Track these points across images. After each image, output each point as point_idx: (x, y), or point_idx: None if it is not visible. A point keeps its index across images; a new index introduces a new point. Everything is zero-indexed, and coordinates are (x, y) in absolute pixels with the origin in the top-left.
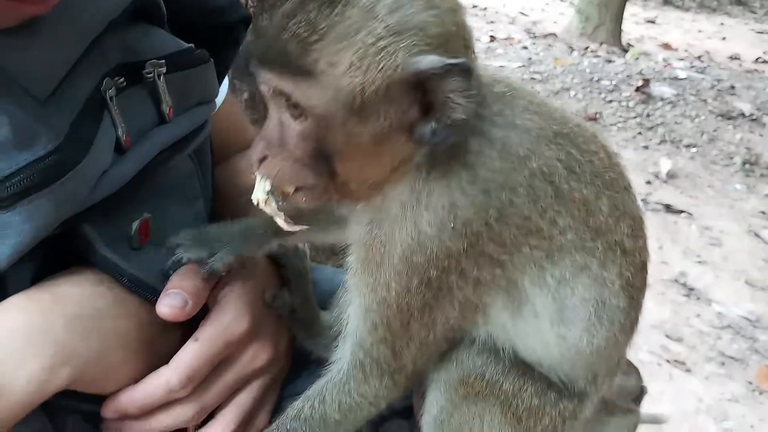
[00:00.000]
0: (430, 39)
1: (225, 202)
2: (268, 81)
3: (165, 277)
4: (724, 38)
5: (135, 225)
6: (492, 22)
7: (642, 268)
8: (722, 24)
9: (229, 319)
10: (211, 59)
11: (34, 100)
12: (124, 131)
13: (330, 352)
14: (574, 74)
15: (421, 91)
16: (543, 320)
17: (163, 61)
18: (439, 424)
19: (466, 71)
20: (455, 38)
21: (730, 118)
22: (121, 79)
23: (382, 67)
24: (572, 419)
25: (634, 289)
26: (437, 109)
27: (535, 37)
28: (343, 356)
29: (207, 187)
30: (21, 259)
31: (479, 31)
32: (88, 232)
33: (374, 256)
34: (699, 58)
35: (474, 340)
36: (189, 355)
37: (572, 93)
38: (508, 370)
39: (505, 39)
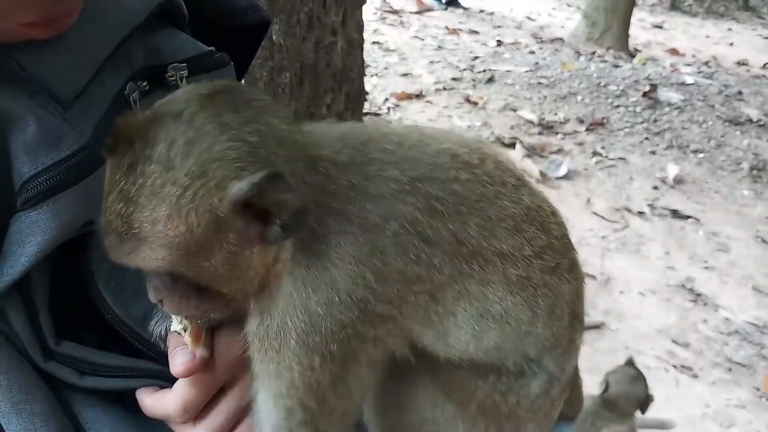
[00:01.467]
0: (235, 163)
1: None
2: (121, 262)
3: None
4: (731, 44)
5: None
6: (499, 26)
7: (536, 254)
8: (730, 29)
9: (224, 344)
10: (231, 62)
11: (59, 103)
12: None
13: None
14: (581, 79)
15: (249, 208)
16: (438, 345)
17: (185, 64)
18: (380, 397)
19: (275, 176)
20: (263, 146)
21: (737, 124)
22: (144, 83)
23: (199, 211)
24: (513, 394)
25: (530, 279)
26: (273, 214)
27: (542, 41)
28: None
29: None
30: (44, 259)
31: (486, 35)
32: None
33: (272, 345)
34: (706, 63)
35: None
36: (186, 383)
37: (579, 98)
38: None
39: (512, 43)
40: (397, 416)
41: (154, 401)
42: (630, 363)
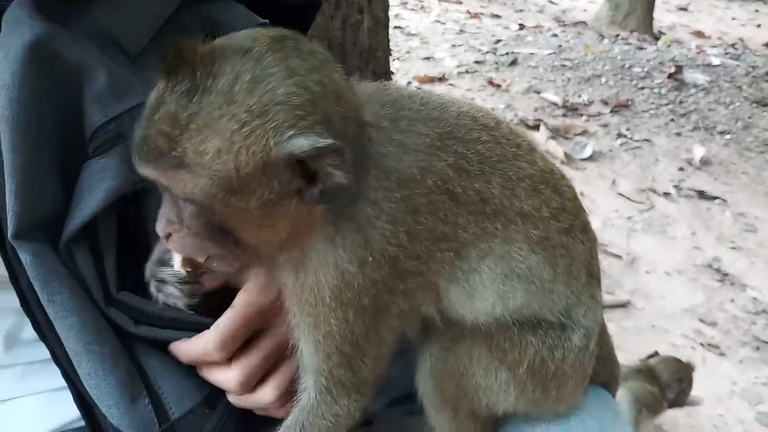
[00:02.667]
0: (296, 110)
1: None
2: (147, 175)
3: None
4: (759, 25)
5: None
6: (520, 10)
7: (553, 215)
8: (757, 11)
9: (260, 287)
10: None
11: (126, 57)
12: None
13: None
14: (605, 61)
15: (299, 164)
16: (464, 304)
17: None
18: (437, 372)
19: (338, 150)
20: (323, 98)
21: (765, 105)
22: None
23: (252, 151)
24: (559, 348)
25: (549, 240)
26: (319, 179)
27: (565, 25)
28: (308, 385)
29: None
30: (110, 208)
31: (507, 19)
32: (151, 201)
33: (307, 299)
34: (733, 45)
35: None
36: (224, 320)
37: (603, 80)
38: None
39: (534, 27)
40: (454, 387)
41: (190, 344)
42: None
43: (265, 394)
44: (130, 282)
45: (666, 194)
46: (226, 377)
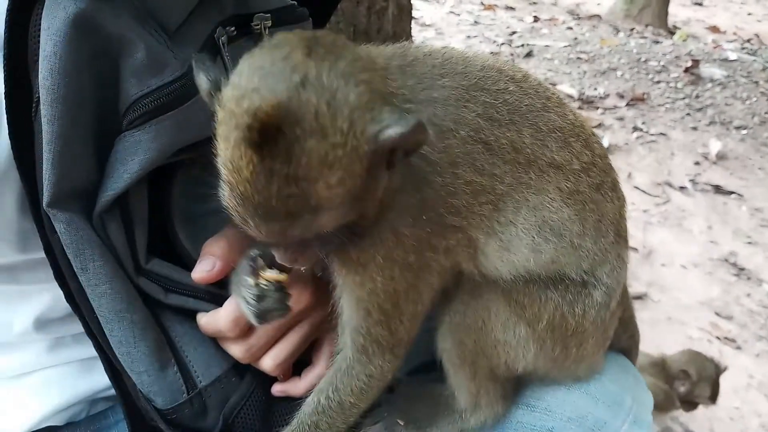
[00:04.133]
0: (369, 104)
1: None
2: (274, 238)
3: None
4: None
5: None
6: (534, 2)
7: (584, 169)
8: None
9: None
10: (310, 18)
11: (164, 32)
12: None
13: None
14: (620, 54)
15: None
16: (501, 258)
17: (269, 15)
18: (456, 326)
19: (420, 124)
20: (375, 82)
21: None
22: (233, 29)
23: (359, 159)
24: (580, 304)
25: (581, 193)
26: (408, 150)
27: (579, 18)
28: (344, 345)
29: None
30: (142, 181)
31: (522, 11)
32: (178, 177)
33: (359, 260)
34: (749, 41)
35: None
36: (235, 302)
37: (619, 73)
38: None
39: (549, 20)
40: (473, 343)
41: (209, 318)
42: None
43: (264, 364)
44: (158, 253)
45: (682, 188)
46: (234, 350)
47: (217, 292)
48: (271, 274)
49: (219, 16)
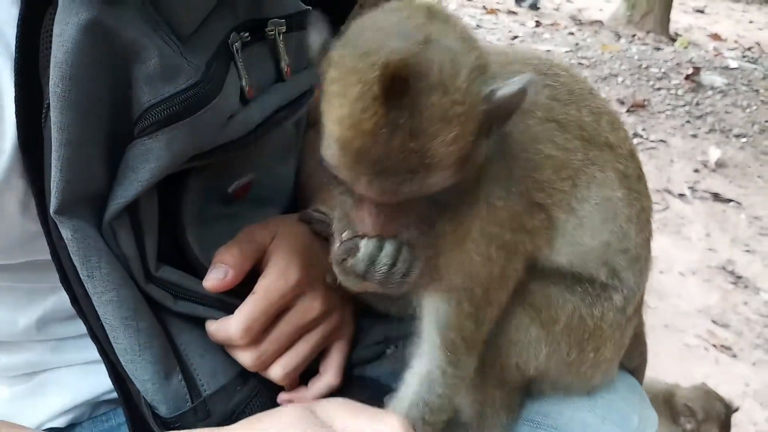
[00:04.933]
0: (483, 68)
1: (314, 166)
2: (383, 195)
3: None
4: None
5: (235, 185)
6: (536, 8)
7: (630, 156)
8: None
9: (280, 271)
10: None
11: (177, 38)
12: (247, 82)
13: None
14: (622, 60)
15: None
16: (567, 239)
17: (284, 20)
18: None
19: (532, 81)
20: (475, 50)
21: None
22: (246, 34)
23: (473, 119)
24: (598, 306)
25: (629, 179)
26: (510, 113)
27: (581, 23)
28: (424, 351)
29: (298, 146)
30: (153, 187)
31: (524, 16)
32: (190, 184)
33: (454, 238)
34: (749, 49)
35: None
36: (246, 307)
37: (620, 79)
38: None
39: (551, 24)
40: (488, 341)
41: (218, 325)
42: (723, 401)
43: (273, 373)
44: (169, 260)
45: (681, 195)
46: (242, 357)
47: (227, 300)
48: None
49: (233, 21)
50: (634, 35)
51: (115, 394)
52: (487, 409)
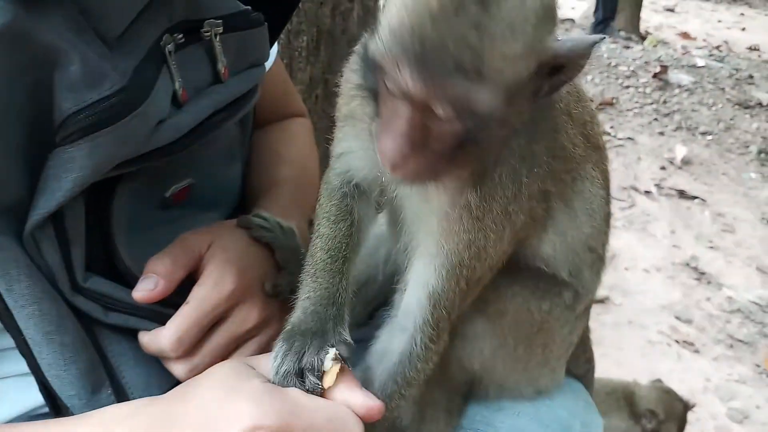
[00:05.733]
0: (553, 17)
1: (261, 169)
2: (425, 89)
3: None
4: (743, 29)
5: (172, 189)
6: None
7: (608, 159)
8: (742, 14)
9: (215, 280)
10: (265, 23)
11: (103, 43)
12: (181, 85)
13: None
14: (591, 59)
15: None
16: (556, 229)
17: (221, 21)
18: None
19: (594, 45)
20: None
21: (747, 107)
22: (180, 36)
23: (537, 53)
24: (546, 301)
25: (607, 181)
26: (564, 74)
27: None
28: (418, 320)
29: (245, 149)
30: (77, 196)
31: None
32: (120, 191)
33: (473, 214)
34: (718, 47)
35: None
36: (180, 318)
37: (589, 77)
38: None
39: None
40: None
41: (151, 336)
42: (682, 401)
43: None
44: (99, 270)
45: (647, 193)
46: (176, 369)
47: (161, 311)
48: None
49: (166, 23)
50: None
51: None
52: (426, 411)
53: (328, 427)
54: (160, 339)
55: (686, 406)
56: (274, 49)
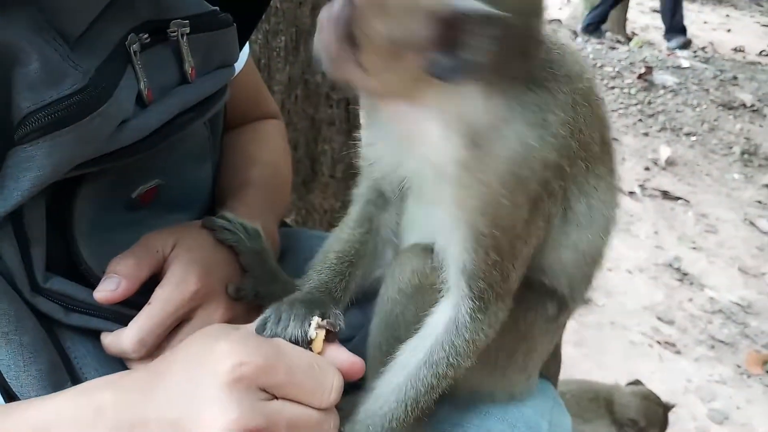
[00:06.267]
0: None
1: (231, 170)
2: None
3: None
4: (729, 30)
5: (139, 190)
6: None
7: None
8: (728, 16)
9: (177, 280)
10: (234, 24)
11: (64, 41)
12: (146, 86)
13: None
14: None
15: (448, 26)
16: (568, 244)
17: (187, 21)
18: (394, 318)
19: (491, 19)
20: None
21: (731, 109)
22: (146, 36)
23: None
24: (532, 311)
25: (616, 182)
26: (458, 46)
27: None
28: (458, 293)
29: (215, 150)
30: (37, 195)
31: None
32: (83, 191)
33: (478, 177)
34: (703, 48)
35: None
36: (142, 319)
37: None
38: None
39: None
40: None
41: (113, 337)
42: (659, 401)
43: None
44: (61, 271)
45: (631, 193)
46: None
47: (123, 312)
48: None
49: (132, 21)
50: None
51: None
52: None
53: (308, 372)
54: (122, 340)
55: (666, 408)
56: (245, 50)
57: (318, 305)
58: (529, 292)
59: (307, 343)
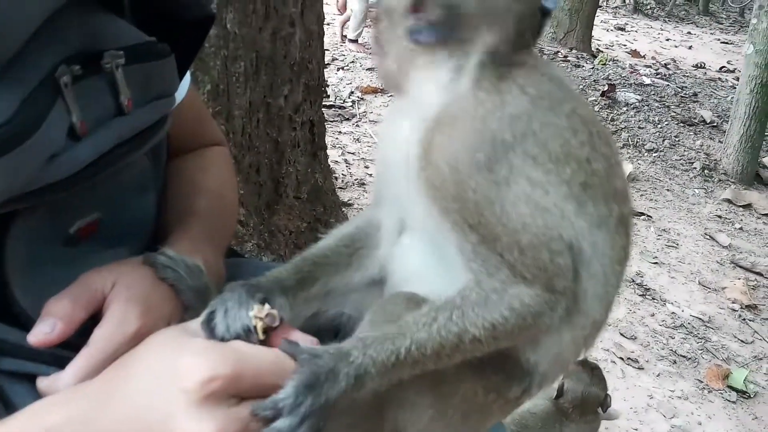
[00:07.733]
0: None
1: (176, 199)
2: None
3: None
4: (690, 47)
5: (77, 225)
6: None
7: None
8: (689, 33)
9: (117, 321)
10: (173, 54)
11: None
12: (79, 118)
13: None
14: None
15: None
16: (556, 343)
17: (122, 52)
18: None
19: None
20: None
21: (691, 125)
22: (78, 67)
23: None
24: (493, 392)
25: (625, 216)
26: (422, 8)
27: None
28: (486, 263)
29: (158, 180)
30: None
31: None
32: (16, 228)
33: (447, 161)
34: (665, 65)
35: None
36: (80, 361)
37: None
38: None
39: None
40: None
41: (49, 382)
42: (584, 363)
43: None
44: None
45: None
46: None
47: (60, 354)
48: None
49: (63, 52)
50: (557, 52)
51: None
52: None
53: (273, 370)
54: (58, 385)
55: (593, 369)
56: (186, 79)
57: (262, 291)
58: (499, 374)
59: (254, 332)
